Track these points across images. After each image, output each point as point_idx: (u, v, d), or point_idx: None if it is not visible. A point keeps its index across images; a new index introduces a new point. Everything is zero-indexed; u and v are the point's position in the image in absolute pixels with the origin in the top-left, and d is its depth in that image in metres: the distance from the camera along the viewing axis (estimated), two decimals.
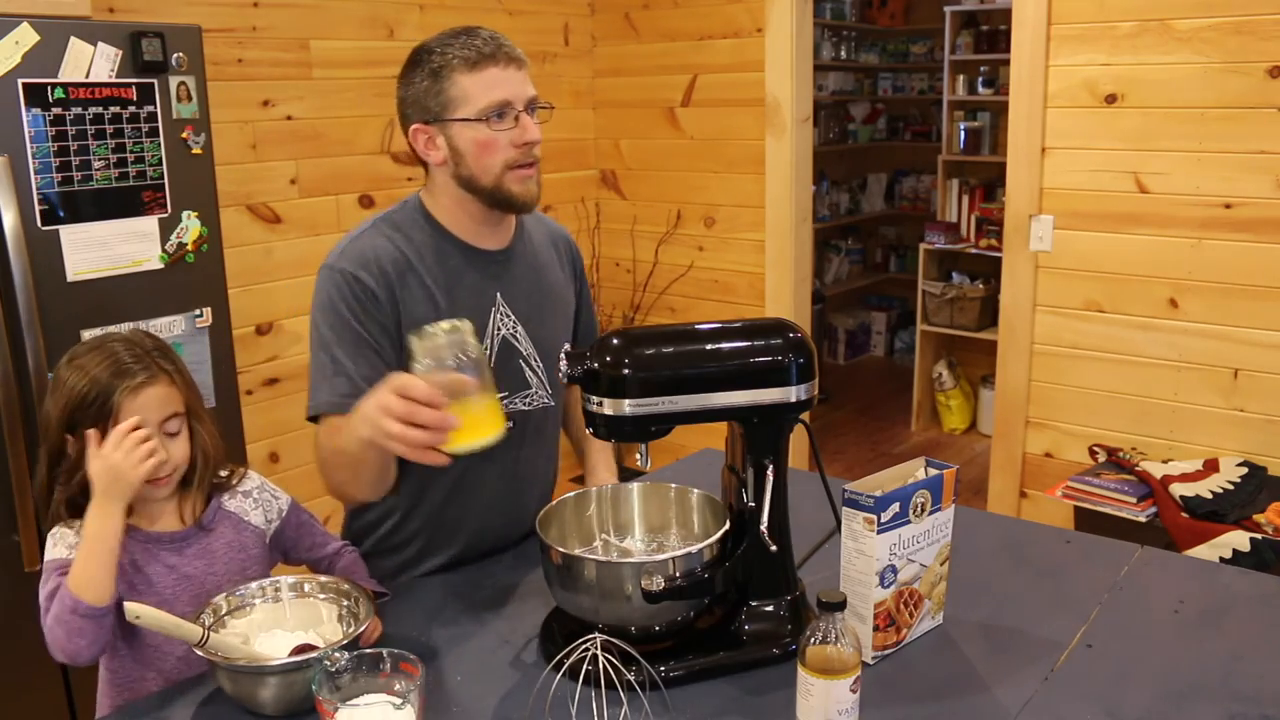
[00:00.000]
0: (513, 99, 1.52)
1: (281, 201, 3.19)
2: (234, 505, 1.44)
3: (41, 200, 2.15)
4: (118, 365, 1.31)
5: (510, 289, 1.64)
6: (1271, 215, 2.78)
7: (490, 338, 1.61)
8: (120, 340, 1.37)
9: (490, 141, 1.52)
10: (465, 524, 1.66)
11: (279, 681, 1.19)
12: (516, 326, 1.64)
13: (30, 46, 2.10)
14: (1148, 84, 2.91)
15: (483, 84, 1.50)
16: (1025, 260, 3.21)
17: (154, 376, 1.33)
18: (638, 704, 1.21)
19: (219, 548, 1.40)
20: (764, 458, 1.33)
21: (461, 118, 1.51)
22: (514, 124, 1.53)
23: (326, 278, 1.53)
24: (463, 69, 1.50)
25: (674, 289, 4.23)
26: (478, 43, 1.50)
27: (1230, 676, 1.29)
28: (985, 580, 1.56)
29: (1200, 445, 2.98)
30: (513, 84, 1.52)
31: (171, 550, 1.37)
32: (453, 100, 1.51)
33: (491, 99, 1.50)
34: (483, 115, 1.51)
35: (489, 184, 1.55)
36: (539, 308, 1.68)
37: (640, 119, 4.15)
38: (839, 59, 5.82)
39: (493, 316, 1.62)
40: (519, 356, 1.65)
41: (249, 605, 1.33)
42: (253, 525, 1.45)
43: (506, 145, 1.53)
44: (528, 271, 1.68)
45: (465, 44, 1.50)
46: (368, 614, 1.30)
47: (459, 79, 1.50)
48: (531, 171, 1.57)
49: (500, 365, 1.62)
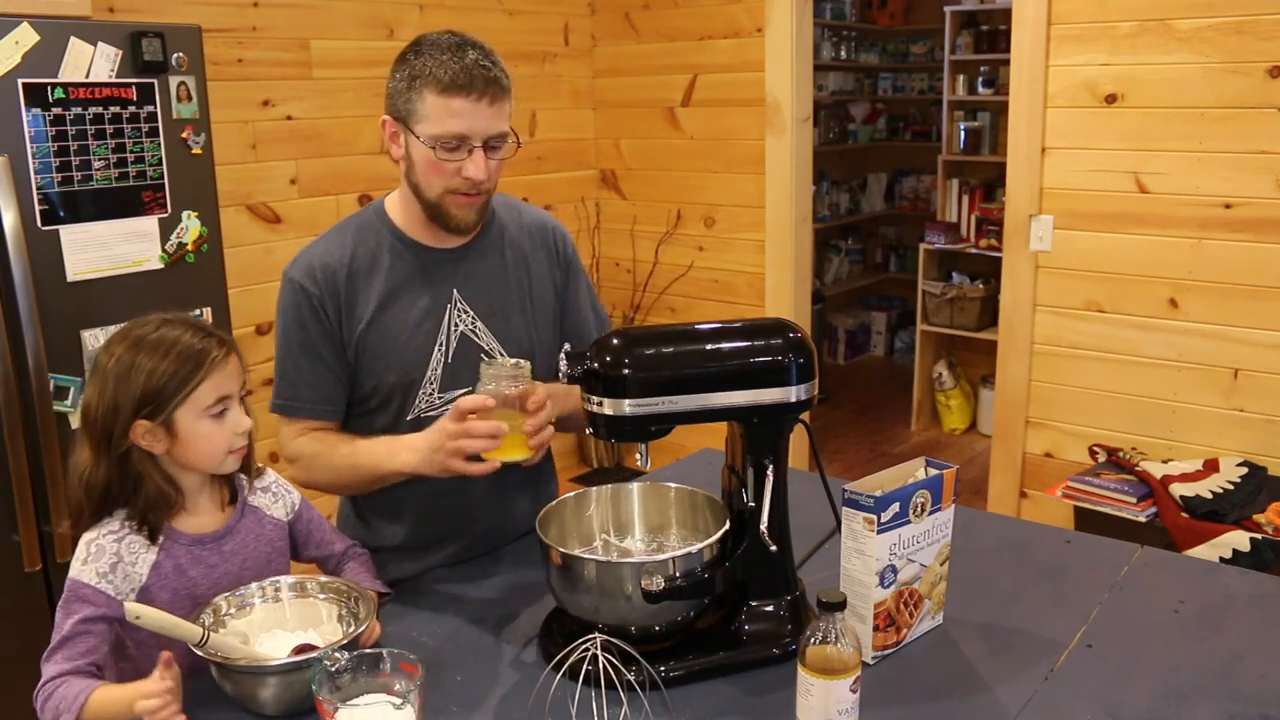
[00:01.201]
0: (470, 134, 1.51)
1: (281, 201, 3.19)
2: (256, 500, 1.45)
3: (41, 200, 2.15)
4: (192, 344, 1.31)
5: (468, 285, 1.65)
6: (1271, 215, 2.78)
7: (446, 335, 1.63)
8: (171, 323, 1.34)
9: (437, 166, 1.53)
10: (455, 518, 1.68)
11: (279, 681, 1.19)
12: (476, 321, 1.65)
13: (30, 46, 2.10)
14: (1148, 84, 2.91)
15: (445, 111, 1.49)
16: (1025, 260, 3.21)
17: (228, 350, 1.35)
18: (638, 704, 1.21)
19: (250, 542, 1.41)
20: (764, 458, 1.33)
21: (418, 134, 1.52)
22: (465, 156, 1.52)
23: (283, 286, 1.63)
24: (433, 88, 1.48)
25: (674, 289, 4.23)
26: (458, 67, 1.48)
27: (1230, 676, 1.29)
28: (985, 580, 1.56)
29: (1200, 445, 2.98)
30: (476, 118, 1.50)
31: (213, 549, 1.37)
32: (416, 113, 1.51)
33: (447, 129, 1.50)
34: (433, 143, 1.51)
35: (429, 199, 1.57)
36: (502, 303, 1.68)
37: (640, 119, 4.15)
38: (839, 59, 5.82)
39: (449, 312, 1.64)
40: (481, 351, 1.65)
41: (249, 605, 1.33)
42: (275, 519, 1.45)
43: (451, 173, 1.54)
44: (491, 267, 1.68)
45: (447, 63, 1.48)
46: (368, 614, 1.30)
47: (427, 95, 1.49)
48: (473, 200, 1.57)
49: (460, 362, 1.63)
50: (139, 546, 1.30)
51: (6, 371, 2.08)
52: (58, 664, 1.24)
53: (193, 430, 1.31)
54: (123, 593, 1.28)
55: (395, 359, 1.60)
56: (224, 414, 1.33)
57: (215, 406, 1.31)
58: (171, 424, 1.30)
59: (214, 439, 1.32)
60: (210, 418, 1.31)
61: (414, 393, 1.62)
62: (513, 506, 1.72)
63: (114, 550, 1.29)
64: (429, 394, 1.62)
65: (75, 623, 1.25)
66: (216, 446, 1.33)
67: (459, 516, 1.68)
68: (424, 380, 1.62)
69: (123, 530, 1.31)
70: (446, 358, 1.62)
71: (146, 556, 1.31)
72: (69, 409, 2.21)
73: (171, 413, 1.29)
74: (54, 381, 2.17)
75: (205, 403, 1.30)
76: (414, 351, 1.61)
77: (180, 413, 1.29)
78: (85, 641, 1.25)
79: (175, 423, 1.30)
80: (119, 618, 1.28)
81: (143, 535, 1.31)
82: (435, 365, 1.62)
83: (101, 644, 1.27)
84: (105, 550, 1.29)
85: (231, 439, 1.34)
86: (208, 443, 1.32)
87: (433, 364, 1.62)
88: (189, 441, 1.31)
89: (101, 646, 1.27)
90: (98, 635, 1.26)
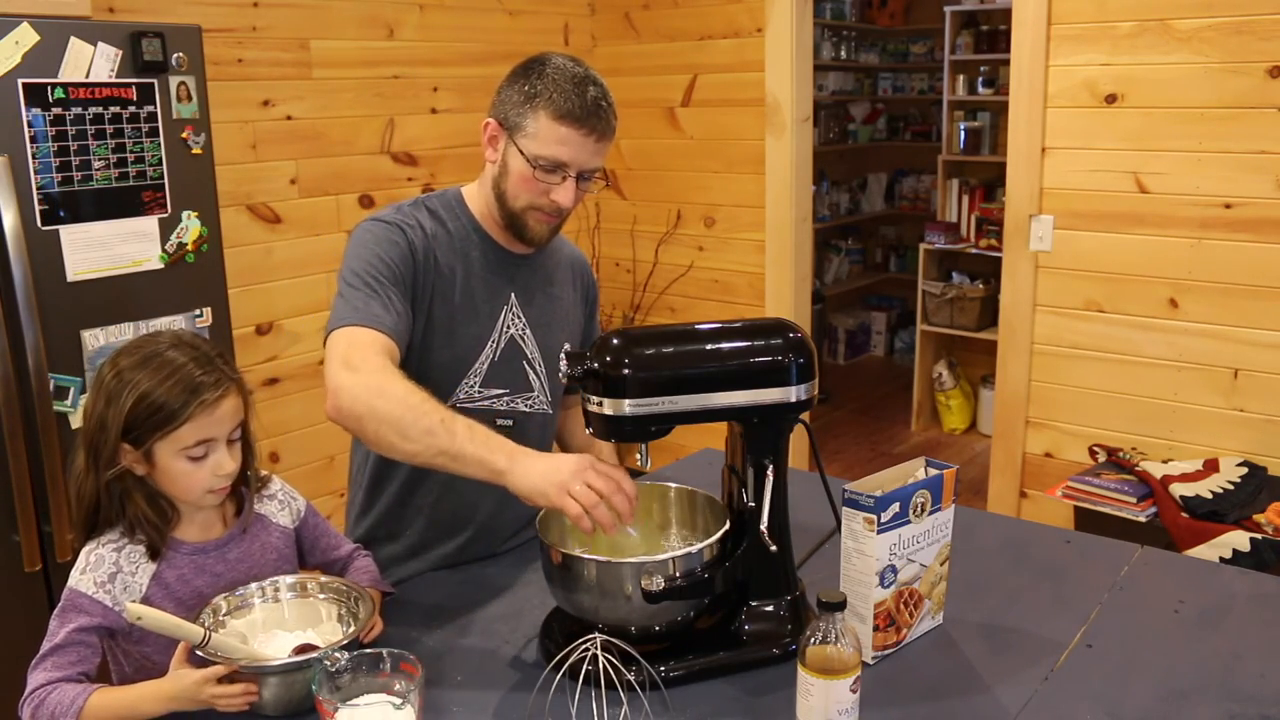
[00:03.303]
0: (571, 163, 1.56)
1: (281, 201, 3.19)
2: (262, 508, 1.44)
3: (42, 200, 2.15)
4: (190, 378, 1.27)
5: (525, 292, 1.70)
6: (1271, 215, 2.78)
7: (498, 333, 1.66)
8: (181, 346, 1.31)
9: (530, 183, 1.57)
10: (460, 518, 1.68)
11: (279, 681, 1.19)
12: (526, 329, 1.69)
13: (30, 46, 2.10)
14: (1148, 84, 2.91)
15: (555, 136, 1.53)
16: (1025, 260, 3.21)
17: (225, 390, 1.30)
18: (638, 704, 1.21)
19: (256, 550, 1.40)
20: (764, 458, 1.33)
21: (520, 148, 1.56)
22: (559, 181, 1.57)
23: (367, 227, 1.59)
24: (550, 111, 1.53)
25: (674, 289, 4.23)
26: (578, 100, 1.52)
27: (1230, 676, 1.29)
28: (985, 580, 1.56)
29: (1200, 445, 2.98)
30: (581, 151, 1.55)
31: (216, 557, 1.36)
32: (525, 128, 1.55)
33: (550, 154, 1.54)
34: (534, 161, 1.55)
35: (513, 209, 1.62)
36: (550, 316, 1.73)
37: (640, 119, 4.14)
38: (839, 59, 5.82)
39: (504, 314, 1.67)
40: (524, 358, 1.69)
41: (249, 605, 1.33)
42: (280, 526, 1.45)
43: (541, 193, 1.58)
44: (544, 282, 1.74)
45: (569, 92, 1.52)
46: (368, 614, 1.30)
47: (541, 117, 1.53)
48: (552, 220, 1.63)
49: (504, 363, 1.66)
50: (139, 556, 1.30)
51: (6, 371, 2.08)
52: (46, 671, 1.22)
53: (170, 466, 1.28)
54: (120, 603, 1.27)
55: (453, 339, 1.63)
56: (205, 456, 1.29)
57: (196, 449, 1.28)
58: (150, 454, 1.28)
59: (192, 478, 1.29)
60: (188, 459, 1.28)
61: (459, 378, 1.63)
62: (513, 506, 1.72)
63: (113, 560, 1.28)
64: (472, 384, 1.64)
65: (70, 631, 1.24)
66: (194, 485, 1.30)
67: (459, 516, 1.68)
68: (471, 370, 1.64)
69: (123, 540, 1.30)
70: (494, 355, 1.66)
71: (147, 566, 1.30)
72: (69, 409, 2.21)
73: (151, 445, 1.27)
74: (54, 381, 2.17)
75: (185, 443, 1.27)
76: (470, 338, 1.64)
77: (160, 445, 1.27)
78: (77, 651, 1.24)
79: (154, 453, 1.28)
80: (115, 628, 1.27)
81: (142, 547, 1.30)
82: (484, 359, 1.65)
83: (93, 654, 1.26)
84: (104, 560, 1.28)
85: (210, 480, 1.30)
86: (185, 480, 1.29)
87: (482, 356, 1.65)
88: (166, 475, 1.29)
89: (93, 657, 1.26)
90: (90, 646, 1.25)
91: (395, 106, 3.46)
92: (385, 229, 1.58)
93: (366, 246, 1.56)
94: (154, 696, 1.19)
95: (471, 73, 3.62)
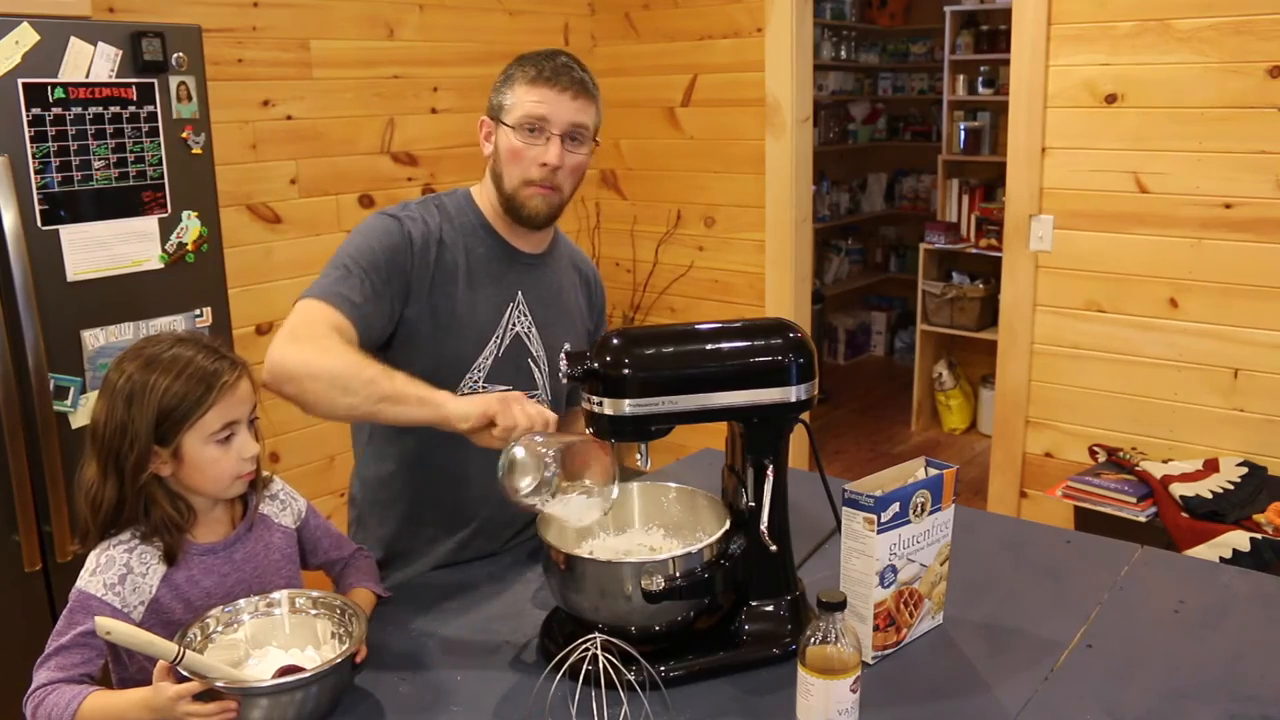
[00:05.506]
0: (550, 118, 1.60)
1: (281, 201, 3.19)
2: (265, 508, 1.43)
3: (41, 200, 2.15)
4: (204, 367, 1.29)
5: (532, 291, 1.72)
6: (1271, 215, 2.78)
7: (503, 329, 1.68)
8: (184, 343, 1.33)
9: (518, 152, 1.62)
10: (461, 516, 1.68)
11: (270, 703, 1.17)
12: (531, 327, 1.71)
13: (30, 46, 2.10)
14: (1148, 84, 2.91)
15: (531, 98, 1.60)
16: (1025, 260, 3.21)
17: (240, 373, 1.33)
18: (638, 704, 1.21)
19: (260, 550, 1.40)
20: (764, 458, 1.33)
21: (505, 122, 1.62)
22: (543, 142, 1.60)
23: (368, 219, 1.64)
24: (523, 81, 1.61)
25: (674, 289, 4.23)
26: (547, 64, 1.61)
27: (1230, 676, 1.29)
28: (985, 580, 1.56)
29: (1200, 445, 2.98)
30: (558, 107, 1.60)
31: (224, 558, 1.35)
32: (505, 105, 1.63)
33: (528, 112, 1.59)
34: (517, 124, 1.59)
35: (508, 190, 1.65)
36: (556, 317, 1.75)
37: (640, 119, 4.15)
38: (839, 59, 5.82)
39: (510, 311, 1.69)
40: (528, 355, 1.71)
41: (238, 622, 1.30)
42: (283, 526, 1.45)
43: (530, 161, 1.61)
44: (552, 283, 1.77)
45: (538, 61, 1.62)
46: (361, 632, 1.27)
47: (517, 88, 1.62)
48: (548, 192, 1.64)
49: (508, 359, 1.68)
50: (151, 557, 1.29)
51: (6, 371, 2.08)
52: (49, 671, 1.23)
53: (199, 455, 1.29)
54: (130, 605, 1.26)
55: (456, 333, 1.64)
56: (230, 439, 1.31)
57: (222, 432, 1.30)
58: (178, 448, 1.28)
59: (220, 464, 1.31)
60: (216, 443, 1.30)
61: (463, 373, 1.65)
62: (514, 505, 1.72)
63: (124, 561, 1.28)
64: (475, 379, 1.66)
65: (76, 634, 1.24)
66: (223, 472, 1.31)
67: (460, 515, 1.69)
68: (475, 365, 1.65)
69: (134, 541, 1.29)
70: (498, 351, 1.68)
71: (158, 568, 1.29)
72: (69, 409, 2.21)
73: (179, 437, 1.27)
74: (54, 381, 2.17)
75: (212, 428, 1.29)
76: (475, 333, 1.66)
77: (187, 437, 1.28)
78: (82, 653, 1.24)
79: (181, 447, 1.28)
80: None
81: (157, 549, 1.29)
82: (488, 355, 1.67)
83: (98, 657, 1.25)
84: (115, 561, 1.28)
85: (238, 464, 1.32)
86: (214, 468, 1.30)
87: (486, 352, 1.66)
88: (195, 466, 1.30)
89: (98, 659, 1.25)
90: (95, 648, 1.25)
91: (395, 106, 3.46)
92: (384, 221, 1.62)
93: (360, 234, 1.61)
94: (140, 705, 1.18)
95: (471, 73, 3.62)
